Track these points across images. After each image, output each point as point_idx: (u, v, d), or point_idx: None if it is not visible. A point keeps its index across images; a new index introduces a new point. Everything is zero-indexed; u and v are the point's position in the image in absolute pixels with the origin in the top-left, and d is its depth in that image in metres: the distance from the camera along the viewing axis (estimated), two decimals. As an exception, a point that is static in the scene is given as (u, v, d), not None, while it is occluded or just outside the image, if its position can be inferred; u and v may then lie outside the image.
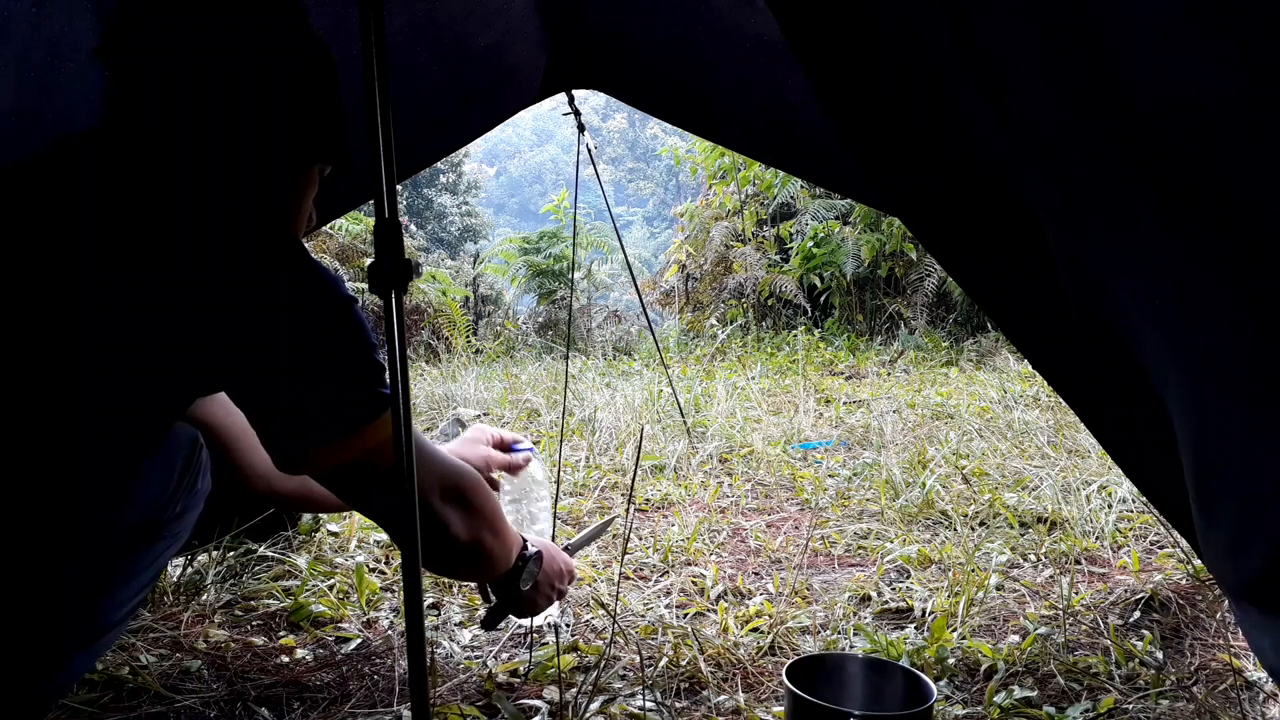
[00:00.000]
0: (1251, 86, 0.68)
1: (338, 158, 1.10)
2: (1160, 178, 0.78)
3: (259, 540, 1.99)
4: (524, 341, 8.83)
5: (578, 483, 2.80)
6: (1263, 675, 1.41)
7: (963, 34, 0.99)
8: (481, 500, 1.12)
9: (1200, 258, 0.78)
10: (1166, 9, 0.71)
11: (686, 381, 5.04)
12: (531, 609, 1.31)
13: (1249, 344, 0.76)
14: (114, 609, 1.03)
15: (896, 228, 7.91)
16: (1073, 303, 1.11)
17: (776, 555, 2.11)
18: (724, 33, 1.85)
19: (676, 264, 10.11)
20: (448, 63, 2.00)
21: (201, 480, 1.10)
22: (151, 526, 1.04)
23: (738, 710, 1.34)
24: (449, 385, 4.91)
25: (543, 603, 1.31)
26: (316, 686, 1.40)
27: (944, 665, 1.48)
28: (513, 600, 1.27)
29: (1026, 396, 4.41)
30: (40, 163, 0.94)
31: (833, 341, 7.86)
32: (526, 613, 1.32)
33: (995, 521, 2.30)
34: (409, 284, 0.91)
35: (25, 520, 0.90)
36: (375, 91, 0.81)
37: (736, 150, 6.04)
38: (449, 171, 22.39)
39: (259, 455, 1.02)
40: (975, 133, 1.18)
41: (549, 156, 65.95)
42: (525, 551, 1.24)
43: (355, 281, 8.35)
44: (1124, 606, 1.72)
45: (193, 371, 0.94)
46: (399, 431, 0.83)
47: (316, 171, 1.09)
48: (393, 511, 1.01)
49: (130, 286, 0.88)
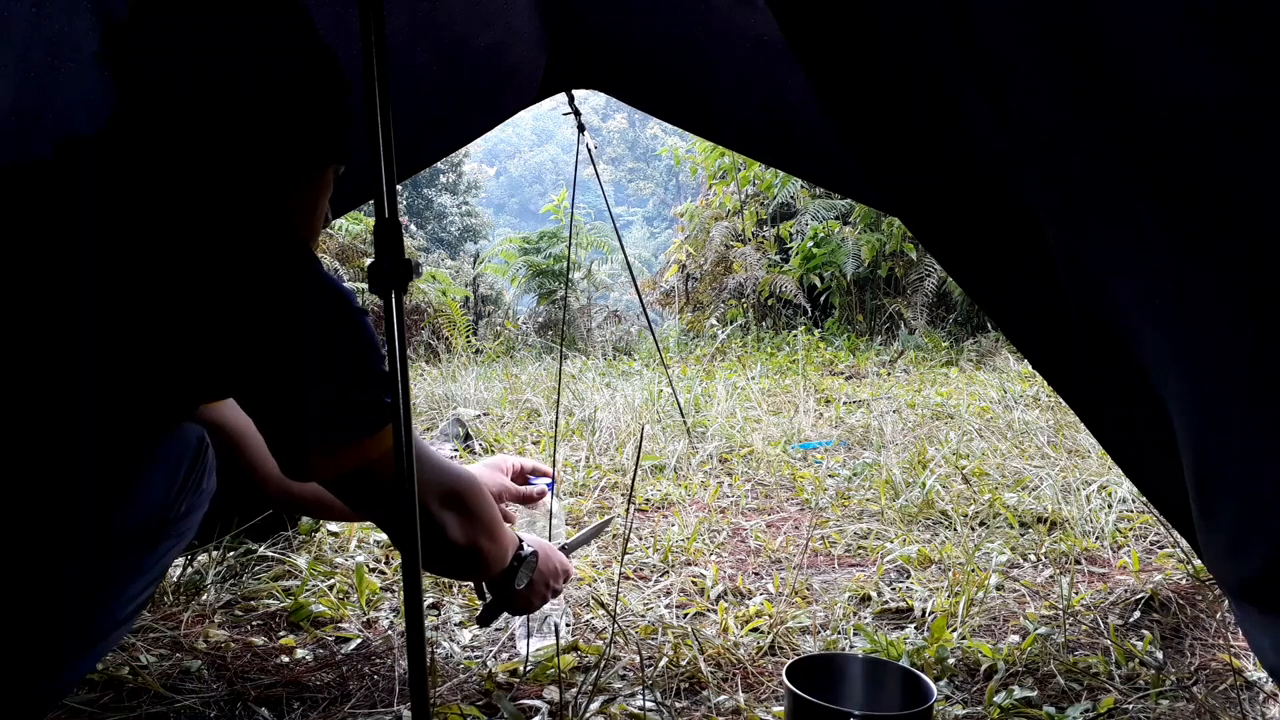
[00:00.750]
0: (1251, 86, 0.68)
1: (348, 157, 1.11)
2: (1160, 178, 0.78)
3: (259, 540, 1.99)
4: (524, 341, 8.83)
5: (578, 483, 2.80)
6: (1263, 675, 1.41)
7: (963, 34, 0.99)
8: (479, 505, 1.13)
9: (1200, 258, 0.78)
10: (1166, 9, 0.71)
11: (686, 381, 5.04)
12: (526, 607, 1.32)
13: (1249, 344, 0.76)
14: (118, 608, 1.03)
15: (896, 228, 7.91)
16: (1073, 303, 1.11)
17: (776, 555, 2.11)
18: (724, 33, 1.85)
19: (676, 264, 10.12)
20: (448, 63, 2.00)
21: (207, 480, 1.10)
22: (156, 526, 1.04)
23: (738, 710, 1.34)
24: (449, 385, 4.91)
25: (537, 601, 1.32)
26: (316, 686, 1.40)
27: (944, 665, 1.48)
28: (508, 598, 1.28)
29: (1026, 396, 4.41)
30: (47, 165, 0.94)
31: (833, 341, 7.86)
32: (522, 610, 1.34)
33: (995, 521, 2.30)
34: (409, 284, 0.91)
35: (28, 520, 0.90)
36: (375, 91, 0.81)
37: (736, 150, 6.04)
38: (449, 171, 22.40)
39: (271, 457, 1.03)
40: (975, 133, 1.18)
41: (549, 156, 65.96)
42: (521, 551, 1.25)
43: (355, 281, 8.36)
44: (1124, 606, 1.72)
45: (198, 377, 0.95)
46: (399, 431, 0.83)
47: (331, 173, 1.10)
48: (395, 516, 1.02)
49: (136, 290, 0.88)
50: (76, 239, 0.90)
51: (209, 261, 0.91)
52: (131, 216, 0.91)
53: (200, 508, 1.10)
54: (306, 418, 0.96)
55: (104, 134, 0.97)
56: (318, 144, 1.06)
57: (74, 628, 0.99)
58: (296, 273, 0.94)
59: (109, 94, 0.98)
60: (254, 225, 0.96)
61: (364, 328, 0.96)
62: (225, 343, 0.91)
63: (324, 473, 0.98)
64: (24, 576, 0.91)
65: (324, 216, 1.13)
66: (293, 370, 0.93)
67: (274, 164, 1.03)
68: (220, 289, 0.90)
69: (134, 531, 1.01)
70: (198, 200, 0.95)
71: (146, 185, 0.94)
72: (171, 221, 0.92)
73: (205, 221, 0.93)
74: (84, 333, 0.88)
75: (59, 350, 0.88)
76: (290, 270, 0.94)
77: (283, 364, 0.93)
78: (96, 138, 0.97)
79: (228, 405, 1.23)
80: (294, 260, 0.94)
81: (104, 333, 0.88)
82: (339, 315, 0.95)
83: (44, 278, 0.89)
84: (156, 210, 0.92)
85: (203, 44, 0.95)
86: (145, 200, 0.92)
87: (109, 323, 0.88)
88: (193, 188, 0.96)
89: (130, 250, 0.89)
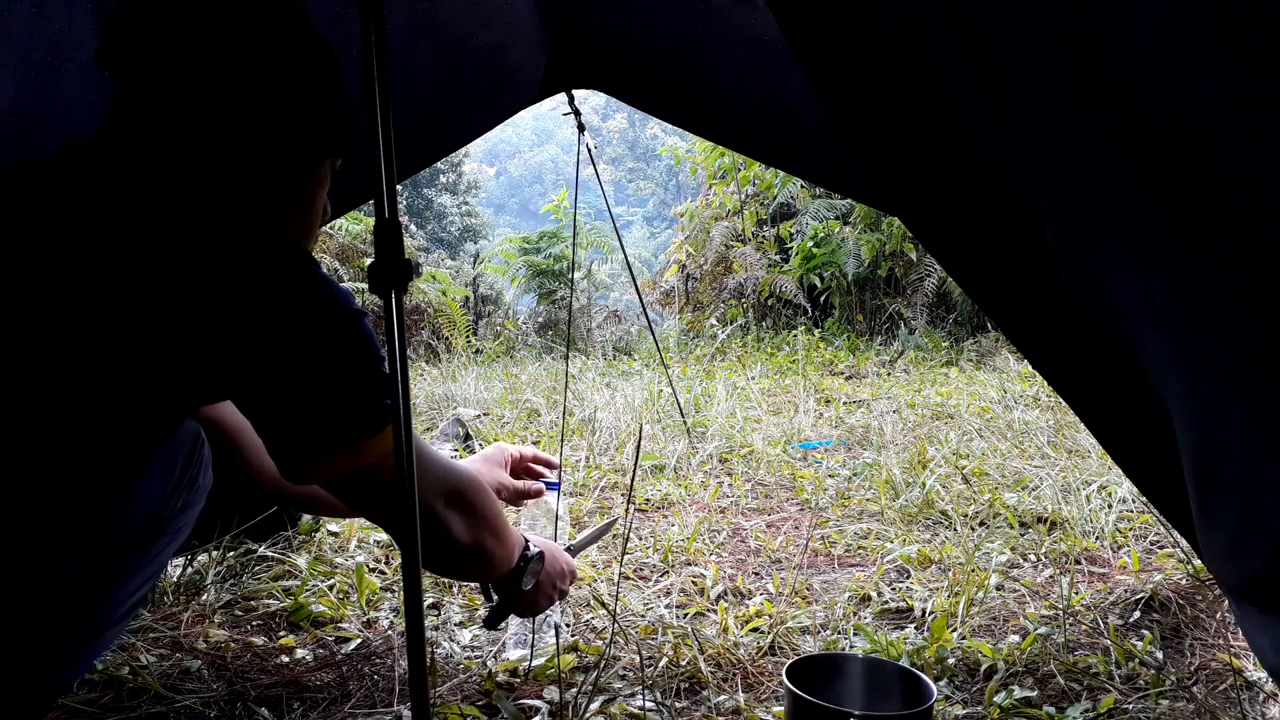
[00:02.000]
0: (1251, 86, 0.68)
1: (346, 151, 1.10)
2: (1160, 178, 0.78)
3: (259, 540, 1.99)
4: (524, 341, 8.83)
5: (578, 483, 2.80)
6: (1263, 675, 1.41)
7: (963, 34, 0.99)
8: (483, 504, 1.12)
9: (1200, 258, 0.78)
10: (1167, 9, 0.71)
11: (686, 381, 5.04)
12: (533, 608, 1.32)
13: (1249, 344, 0.76)
14: (116, 606, 1.03)
15: (896, 228, 7.91)
16: (1073, 303, 1.11)
17: (776, 555, 2.11)
18: (724, 33, 1.85)
19: (676, 264, 10.12)
20: (448, 63, 2.00)
21: (203, 476, 1.10)
22: (153, 524, 1.04)
23: (738, 710, 1.34)
24: (449, 385, 4.91)
25: (544, 602, 1.32)
26: (316, 686, 1.40)
27: (944, 665, 1.48)
28: (514, 600, 1.27)
29: (1026, 396, 4.41)
30: (47, 167, 0.94)
31: (833, 341, 7.86)
32: (528, 612, 1.33)
33: (995, 521, 2.30)
34: (409, 284, 0.91)
35: (29, 521, 0.90)
36: (375, 91, 0.81)
37: (736, 150, 6.04)
38: (449, 171, 22.40)
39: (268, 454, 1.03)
40: (975, 133, 1.18)
41: (549, 156, 65.98)
42: (527, 552, 1.25)
43: (355, 281, 8.36)
44: (1124, 606, 1.72)
45: (196, 379, 0.94)
46: (399, 431, 0.83)
47: (328, 167, 1.09)
48: (396, 517, 1.02)
49: (135, 292, 0.88)
50: (76, 241, 0.89)
51: (205, 262, 0.90)
52: (129, 217, 0.90)
53: (196, 504, 1.10)
54: (304, 421, 0.95)
55: (103, 134, 0.97)
56: (314, 138, 1.05)
57: (73, 627, 0.99)
58: (294, 274, 0.94)
59: (108, 94, 0.98)
60: (251, 226, 0.95)
61: (362, 329, 0.96)
62: (222, 344, 0.91)
63: (326, 475, 0.98)
64: (24, 576, 0.91)
65: (323, 211, 1.12)
66: (290, 372, 0.93)
67: (270, 159, 1.02)
68: (217, 290, 0.90)
69: (132, 531, 1.01)
70: (194, 199, 0.95)
71: (144, 186, 0.93)
72: (168, 221, 0.91)
73: (202, 221, 0.93)
74: (84, 335, 0.88)
75: (59, 352, 0.88)
76: (287, 272, 0.93)
77: (279, 366, 0.92)
78: (96, 138, 0.97)
79: (224, 403, 1.23)
80: (291, 262, 0.94)
81: (103, 335, 0.88)
82: (337, 316, 0.95)
83: (44, 280, 0.89)
84: (154, 210, 0.92)
85: (196, 41, 0.94)
86: (143, 201, 0.92)
87: (108, 324, 0.88)
88: (189, 187, 0.96)
89: (129, 251, 0.89)
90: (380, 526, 1.13)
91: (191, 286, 0.89)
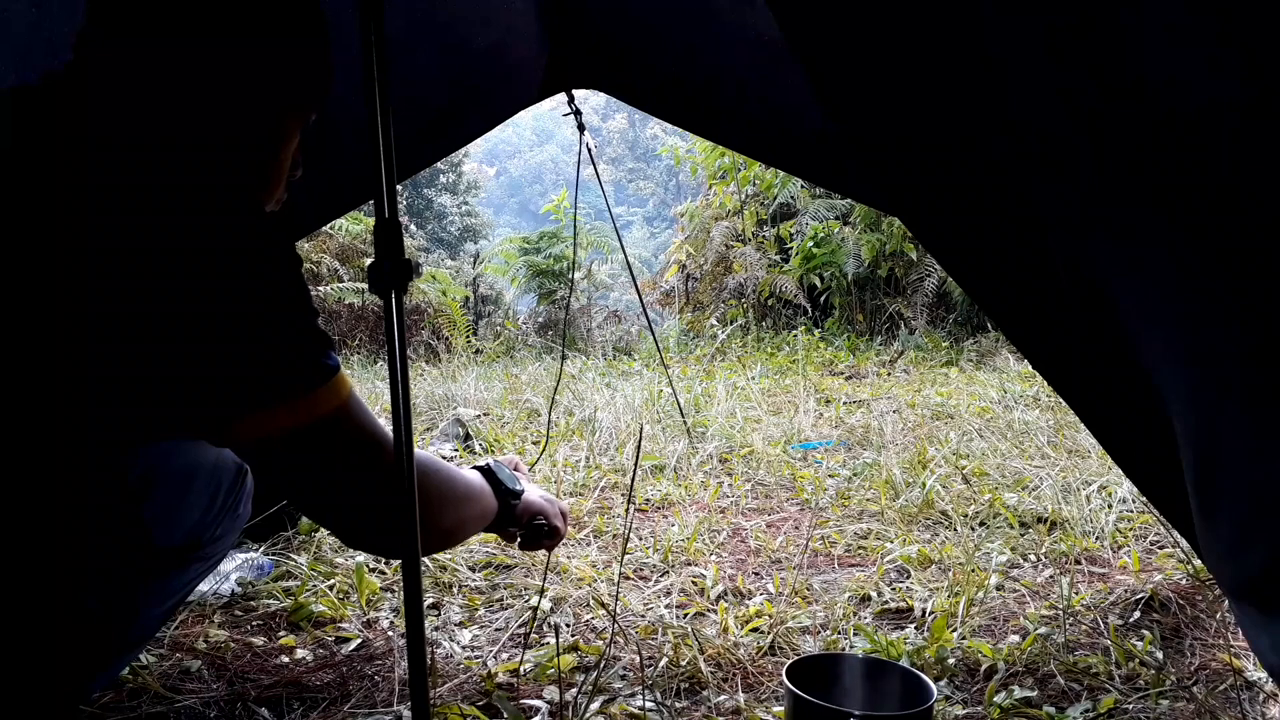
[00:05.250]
0: (1252, 87, 0.68)
1: (319, 103, 1.01)
2: (1161, 179, 0.78)
3: (259, 540, 1.99)
4: (524, 341, 8.84)
5: (578, 483, 2.80)
6: (1263, 675, 1.41)
7: (963, 34, 0.99)
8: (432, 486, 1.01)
9: (1200, 258, 0.78)
10: (1169, 10, 0.71)
11: (686, 381, 5.04)
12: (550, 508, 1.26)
13: (1249, 344, 0.76)
14: (145, 625, 1.03)
15: (896, 228, 7.92)
16: (1073, 303, 1.11)
17: (776, 555, 2.11)
18: (724, 33, 1.86)
19: (676, 264, 10.13)
20: (448, 63, 2.00)
21: (243, 506, 1.09)
22: (190, 549, 1.03)
23: (738, 710, 1.34)
24: (449, 385, 4.91)
25: (544, 498, 1.26)
26: (316, 686, 1.40)
27: (944, 665, 1.48)
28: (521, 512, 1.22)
29: (1026, 396, 4.41)
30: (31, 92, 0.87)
31: (833, 341, 7.87)
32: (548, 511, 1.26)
33: (995, 521, 2.30)
34: (409, 284, 0.91)
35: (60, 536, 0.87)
36: (375, 91, 0.81)
37: (737, 150, 6.05)
38: (449, 171, 22.43)
39: None
40: (975, 133, 1.18)
41: (549, 156, 66.02)
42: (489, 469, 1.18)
43: (355, 281, 8.36)
44: (1124, 606, 1.72)
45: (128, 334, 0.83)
46: (399, 432, 0.83)
47: (293, 122, 0.99)
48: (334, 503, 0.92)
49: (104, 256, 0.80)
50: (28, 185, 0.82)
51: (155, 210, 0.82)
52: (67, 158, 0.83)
53: (233, 533, 1.10)
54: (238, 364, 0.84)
55: (68, 65, 0.90)
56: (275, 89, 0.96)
57: (101, 644, 0.98)
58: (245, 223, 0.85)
59: None
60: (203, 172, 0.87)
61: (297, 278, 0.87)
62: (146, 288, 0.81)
63: (253, 432, 0.86)
64: (55, 593, 0.90)
65: (290, 168, 1.03)
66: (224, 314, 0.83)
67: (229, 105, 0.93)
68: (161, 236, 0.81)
69: (166, 551, 1.00)
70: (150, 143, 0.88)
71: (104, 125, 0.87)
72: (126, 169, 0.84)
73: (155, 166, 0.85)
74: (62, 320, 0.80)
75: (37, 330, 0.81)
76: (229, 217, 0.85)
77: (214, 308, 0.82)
78: (63, 72, 0.90)
79: None
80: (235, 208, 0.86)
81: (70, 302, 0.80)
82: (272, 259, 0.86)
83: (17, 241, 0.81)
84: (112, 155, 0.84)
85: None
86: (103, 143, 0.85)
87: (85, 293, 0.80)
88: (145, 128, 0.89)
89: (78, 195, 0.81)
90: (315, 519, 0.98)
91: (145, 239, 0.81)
